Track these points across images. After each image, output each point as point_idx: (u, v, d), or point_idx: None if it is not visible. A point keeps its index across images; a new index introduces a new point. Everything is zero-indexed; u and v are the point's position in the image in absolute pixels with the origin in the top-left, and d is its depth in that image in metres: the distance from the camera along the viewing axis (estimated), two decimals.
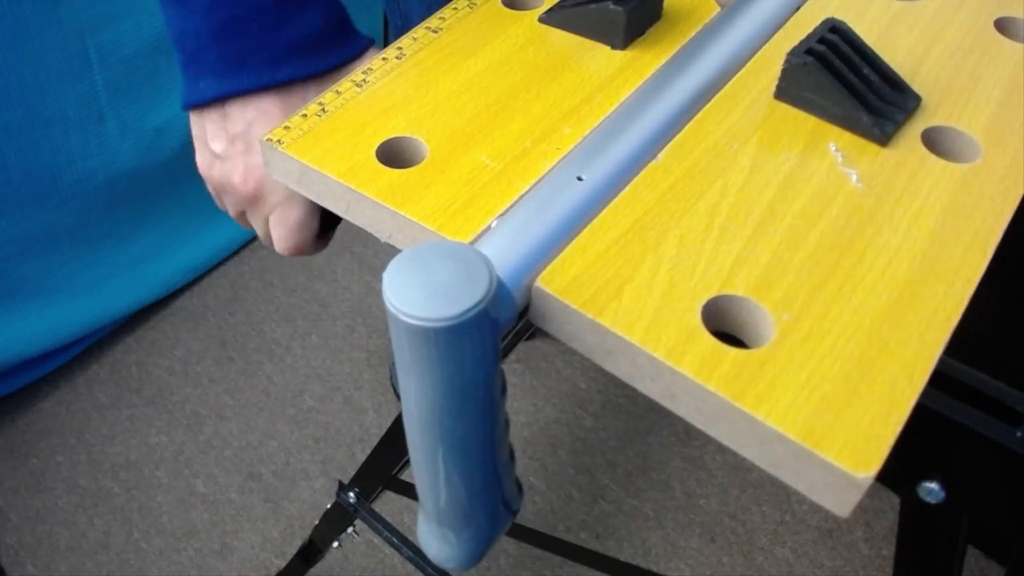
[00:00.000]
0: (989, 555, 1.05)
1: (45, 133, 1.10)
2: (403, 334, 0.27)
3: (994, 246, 0.34)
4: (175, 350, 1.35)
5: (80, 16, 1.07)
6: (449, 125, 0.40)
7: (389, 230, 0.37)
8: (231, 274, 1.45)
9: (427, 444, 0.31)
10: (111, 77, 1.13)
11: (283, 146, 0.39)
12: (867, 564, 1.09)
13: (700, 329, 0.31)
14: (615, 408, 1.25)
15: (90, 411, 1.28)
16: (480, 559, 0.37)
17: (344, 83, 0.42)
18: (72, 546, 1.13)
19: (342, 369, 1.32)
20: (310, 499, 1.17)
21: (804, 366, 0.29)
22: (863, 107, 0.38)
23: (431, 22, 0.46)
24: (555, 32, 0.45)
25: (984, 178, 0.37)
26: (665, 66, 0.43)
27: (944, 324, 0.31)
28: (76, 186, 1.17)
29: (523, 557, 1.09)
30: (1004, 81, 0.42)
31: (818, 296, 0.32)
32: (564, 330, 0.33)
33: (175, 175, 1.29)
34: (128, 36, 1.13)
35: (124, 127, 1.18)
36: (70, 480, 1.20)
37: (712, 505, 1.15)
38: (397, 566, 1.09)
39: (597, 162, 0.37)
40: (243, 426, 1.25)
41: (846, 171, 0.37)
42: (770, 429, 0.28)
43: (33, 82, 1.05)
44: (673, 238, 0.34)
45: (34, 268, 1.20)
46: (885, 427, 0.28)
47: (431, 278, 0.26)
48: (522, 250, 0.33)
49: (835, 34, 0.40)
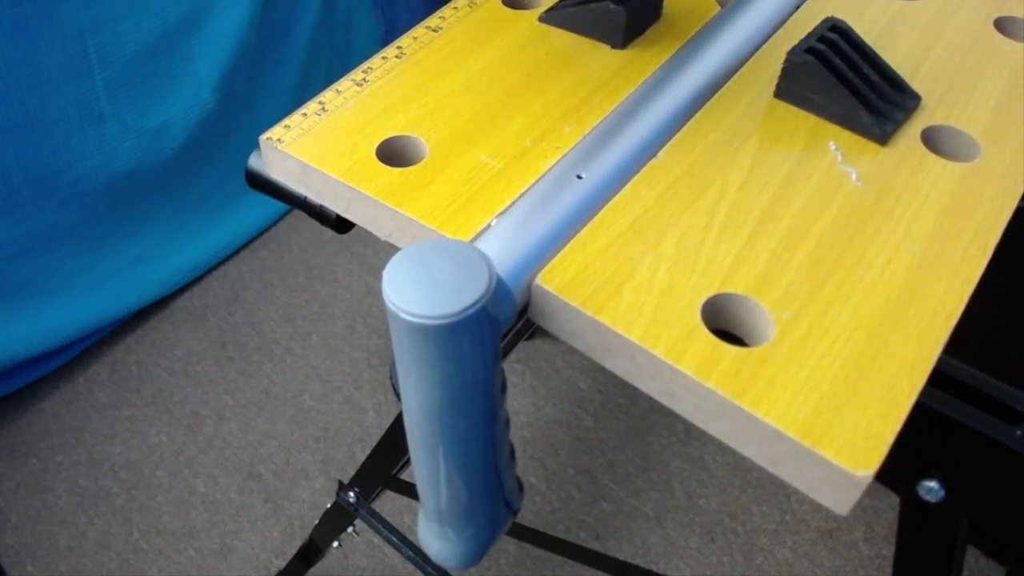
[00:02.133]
0: (989, 555, 1.05)
1: (45, 133, 1.10)
2: (403, 332, 0.27)
3: (993, 245, 0.34)
4: (175, 350, 1.35)
5: (80, 16, 1.07)
6: (449, 124, 0.40)
7: (389, 229, 0.37)
8: (231, 274, 1.45)
9: (427, 443, 0.31)
10: (111, 77, 1.13)
11: (283, 145, 0.39)
12: (867, 564, 1.09)
13: (700, 327, 0.31)
14: (615, 408, 1.25)
15: (90, 411, 1.28)
16: (481, 558, 0.37)
17: (344, 82, 0.42)
18: (72, 546, 1.13)
19: (342, 369, 1.31)
20: (310, 499, 1.17)
21: (804, 364, 0.30)
22: (863, 106, 0.38)
23: (431, 21, 0.46)
24: (555, 31, 0.45)
25: (983, 177, 0.37)
26: (665, 65, 0.43)
27: (943, 323, 0.31)
28: (76, 186, 1.17)
29: (523, 557, 1.09)
30: (1004, 81, 0.42)
31: (818, 295, 0.32)
32: (564, 328, 0.33)
33: (175, 175, 1.29)
34: (128, 36, 1.13)
35: (124, 127, 1.18)
36: (70, 480, 1.20)
37: (712, 505, 1.15)
38: (397, 566, 1.09)
39: (597, 161, 0.37)
40: (243, 426, 1.25)
41: (846, 170, 0.37)
42: (769, 427, 0.28)
43: (33, 82, 1.05)
44: (673, 236, 0.34)
45: (34, 268, 1.20)
46: (884, 425, 0.28)
47: (431, 276, 0.26)
48: (522, 248, 0.33)
49: (835, 33, 0.40)
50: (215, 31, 1.22)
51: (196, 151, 1.27)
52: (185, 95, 1.22)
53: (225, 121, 1.29)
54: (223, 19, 1.22)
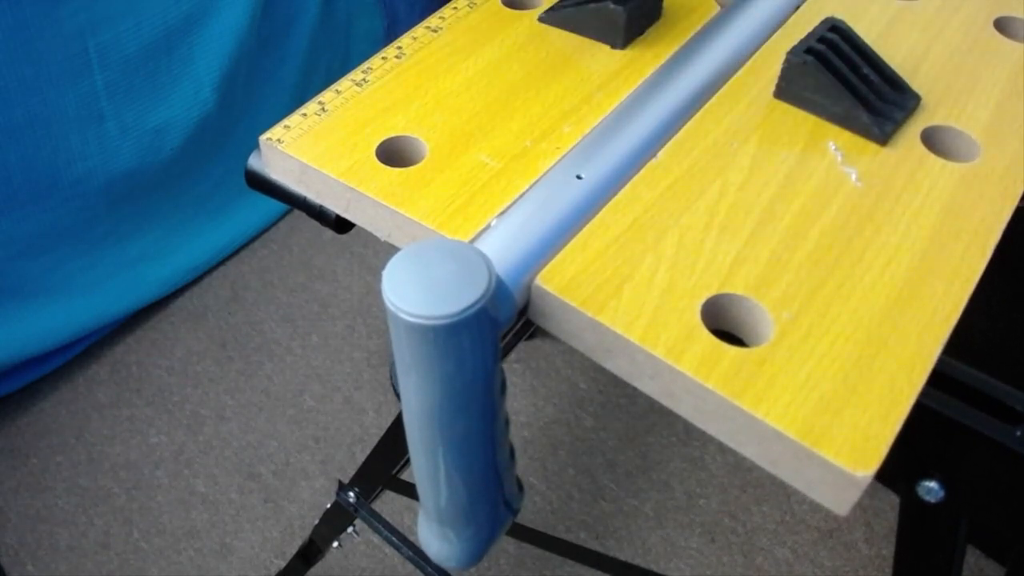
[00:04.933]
0: (989, 555, 1.05)
1: (45, 133, 1.10)
2: (402, 332, 0.27)
3: (993, 245, 0.34)
4: (175, 350, 1.35)
5: (80, 16, 1.07)
6: (449, 124, 0.40)
7: (389, 229, 0.37)
8: (231, 274, 1.45)
9: (427, 443, 0.31)
10: (111, 77, 1.13)
11: (283, 145, 0.39)
12: (867, 564, 1.09)
13: (699, 327, 0.31)
14: (615, 408, 1.25)
15: (90, 411, 1.27)
16: (481, 558, 0.37)
17: (344, 82, 0.42)
18: (72, 546, 1.13)
19: (342, 369, 1.31)
20: (310, 499, 1.17)
21: (803, 364, 0.30)
22: (863, 106, 0.38)
23: (431, 21, 0.46)
24: (555, 31, 0.45)
25: (983, 177, 0.37)
26: (665, 65, 0.43)
27: (943, 323, 0.31)
28: (76, 186, 1.17)
29: (523, 557, 1.09)
30: (1003, 81, 0.42)
31: (817, 295, 0.32)
32: (563, 328, 0.33)
33: (175, 175, 1.29)
34: (128, 36, 1.13)
35: (124, 127, 1.18)
36: (70, 480, 1.20)
37: (712, 505, 1.15)
38: (397, 566, 1.09)
39: (597, 161, 0.37)
40: (243, 426, 1.25)
41: (845, 170, 0.37)
42: (769, 427, 0.28)
43: (33, 82, 1.05)
44: (672, 237, 0.34)
45: (34, 268, 1.20)
46: (884, 426, 0.28)
47: (430, 276, 0.26)
48: (521, 248, 0.33)
49: (835, 33, 0.40)
50: (215, 31, 1.22)
51: (196, 151, 1.27)
52: (185, 95, 1.22)
53: (225, 121, 1.29)
54: (223, 19, 1.22)
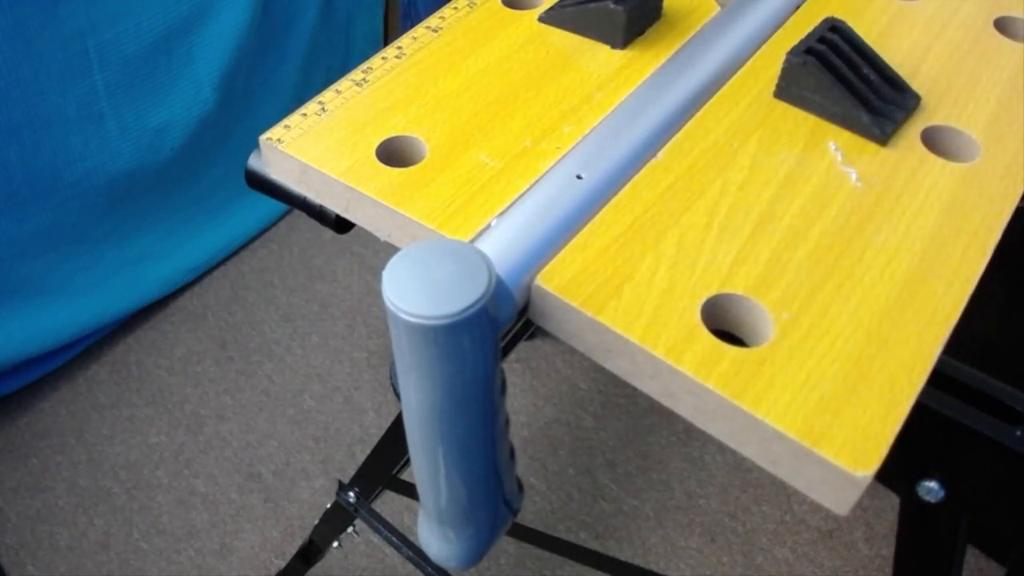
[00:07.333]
0: (989, 555, 1.05)
1: (45, 133, 1.10)
2: (402, 332, 0.27)
3: (993, 245, 0.34)
4: (175, 350, 1.35)
5: (80, 16, 1.07)
6: (449, 124, 0.40)
7: (389, 229, 0.37)
8: (231, 274, 1.45)
9: (427, 443, 0.31)
10: (111, 77, 1.13)
11: (283, 145, 0.39)
12: (867, 564, 1.09)
13: (699, 327, 0.31)
14: (615, 408, 1.25)
15: (90, 411, 1.27)
16: (481, 558, 0.37)
17: (344, 82, 0.42)
18: (72, 546, 1.13)
19: (342, 369, 1.31)
20: (310, 499, 1.17)
21: (803, 365, 0.30)
22: (863, 106, 0.38)
23: (431, 21, 0.46)
24: (555, 31, 0.45)
25: (983, 177, 0.37)
26: (665, 65, 0.43)
27: (943, 323, 0.31)
28: (76, 186, 1.17)
29: (523, 557, 1.09)
30: (1003, 81, 0.42)
31: (817, 295, 0.32)
32: (563, 328, 0.33)
33: (175, 175, 1.29)
34: (128, 36, 1.13)
35: (124, 127, 1.18)
36: (70, 480, 1.20)
37: (712, 505, 1.15)
38: (397, 566, 1.09)
39: (597, 161, 0.37)
40: (243, 426, 1.25)
41: (846, 170, 0.37)
42: (769, 427, 0.28)
43: (33, 82, 1.05)
44: (672, 237, 0.34)
45: (34, 268, 1.20)
46: (884, 426, 0.28)
47: (430, 276, 0.26)
48: (522, 248, 0.33)
49: (835, 33, 0.40)
50: (215, 31, 1.22)
51: (196, 151, 1.27)
52: (185, 95, 1.22)
53: (225, 121, 1.29)
54: (223, 19, 1.22)
